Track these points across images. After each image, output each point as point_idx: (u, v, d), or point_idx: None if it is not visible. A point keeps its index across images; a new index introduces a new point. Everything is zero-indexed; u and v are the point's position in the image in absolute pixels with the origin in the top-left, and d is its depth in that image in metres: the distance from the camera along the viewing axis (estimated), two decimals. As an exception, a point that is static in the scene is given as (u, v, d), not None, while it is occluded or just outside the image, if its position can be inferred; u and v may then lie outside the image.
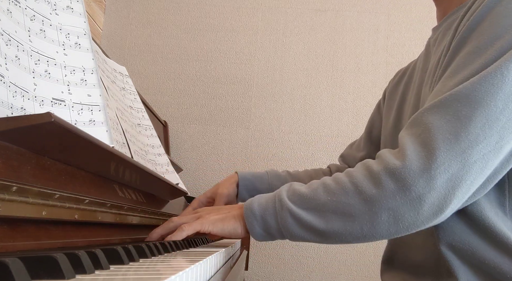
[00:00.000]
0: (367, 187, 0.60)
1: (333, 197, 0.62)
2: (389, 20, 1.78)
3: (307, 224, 0.63)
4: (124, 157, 0.64)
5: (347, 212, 0.61)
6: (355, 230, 0.61)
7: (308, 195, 0.64)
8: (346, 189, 0.62)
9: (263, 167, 1.73)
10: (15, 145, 0.44)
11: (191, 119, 1.77)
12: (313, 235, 0.64)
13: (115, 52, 1.79)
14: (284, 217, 0.65)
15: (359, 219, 0.60)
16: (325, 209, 0.62)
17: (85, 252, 0.38)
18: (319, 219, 0.63)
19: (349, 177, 0.63)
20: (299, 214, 0.64)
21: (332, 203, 0.62)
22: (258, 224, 0.67)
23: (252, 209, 0.68)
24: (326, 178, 0.66)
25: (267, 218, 0.66)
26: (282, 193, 0.67)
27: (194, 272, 0.41)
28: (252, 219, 0.67)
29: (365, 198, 0.60)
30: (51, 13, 0.63)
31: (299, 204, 0.64)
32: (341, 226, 0.61)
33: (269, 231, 0.67)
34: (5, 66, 0.50)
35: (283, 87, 1.78)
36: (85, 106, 0.62)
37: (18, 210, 0.40)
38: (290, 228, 0.65)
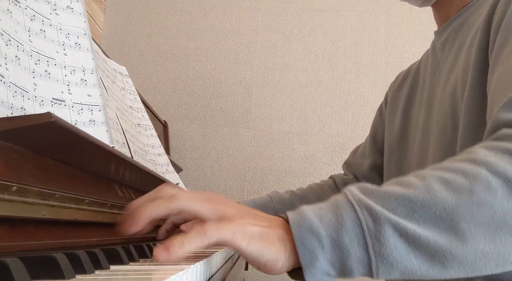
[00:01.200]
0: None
1: (470, 196, 0.39)
2: (389, 20, 1.78)
3: (425, 245, 0.38)
4: (124, 157, 0.64)
5: (498, 218, 0.38)
6: (510, 248, 0.39)
7: (418, 197, 0.40)
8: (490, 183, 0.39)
9: (263, 166, 1.73)
10: (15, 145, 0.44)
11: (191, 119, 1.77)
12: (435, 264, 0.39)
13: (115, 52, 1.79)
14: (381, 236, 0.38)
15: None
16: (459, 216, 0.38)
17: (85, 252, 0.38)
18: (449, 234, 0.38)
19: (486, 166, 0.41)
20: (412, 229, 0.38)
21: (472, 206, 0.39)
22: (324, 253, 0.39)
23: (312, 227, 0.40)
24: (428, 171, 0.43)
25: (344, 242, 0.39)
26: (363, 198, 0.41)
27: (194, 272, 0.41)
28: (313, 244, 0.39)
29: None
30: (51, 13, 0.63)
31: (406, 212, 0.39)
32: (489, 243, 0.38)
33: (344, 264, 0.40)
34: (5, 66, 0.50)
35: (283, 87, 1.78)
36: (85, 106, 0.62)
37: (18, 210, 0.40)
38: (391, 253, 0.38)
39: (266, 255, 0.42)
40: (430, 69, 0.79)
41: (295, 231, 0.40)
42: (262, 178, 1.73)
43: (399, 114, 0.86)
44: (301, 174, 1.72)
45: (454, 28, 0.74)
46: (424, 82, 0.81)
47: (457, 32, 0.73)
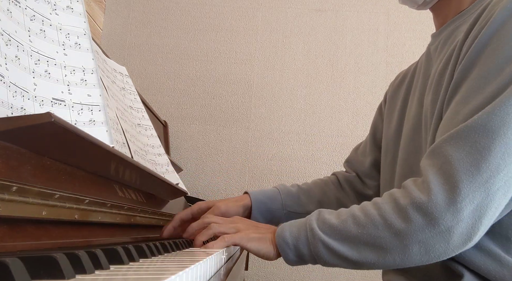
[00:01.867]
0: (396, 221, 0.61)
1: (363, 230, 0.64)
2: (389, 20, 1.78)
3: (339, 254, 0.65)
4: (124, 157, 0.64)
5: (378, 245, 0.63)
6: (388, 261, 0.63)
7: (338, 226, 0.66)
8: (375, 222, 0.63)
9: (263, 167, 1.73)
10: (15, 145, 0.44)
11: (191, 119, 1.77)
12: (346, 263, 0.66)
13: (115, 52, 1.79)
14: (316, 247, 0.67)
15: (391, 251, 0.62)
16: (356, 241, 0.64)
17: (85, 252, 0.38)
18: (351, 250, 0.65)
19: (377, 210, 0.64)
20: (331, 244, 0.66)
21: (363, 236, 0.64)
22: (291, 252, 0.70)
23: (284, 238, 0.70)
24: (354, 208, 0.68)
25: (299, 246, 0.69)
26: (313, 223, 0.69)
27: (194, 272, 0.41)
28: (285, 247, 0.70)
29: (395, 232, 0.61)
30: (51, 13, 0.63)
31: (330, 234, 0.66)
32: (374, 257, 0.63)
33: (302, 258, 0.70)
34: (5, 66, 0.50)
35: (283, 87, 1.78)
36: (85, 106, 0.62)
37: (18, 210, 0.40)
38: (323, 257, 0.67)
39: (262, 250, 0.72)
40: (423, 72, 0.81)
41: (276, 239, 0.71)
42: (262, 178, 1.73)
43: (396, 113, 0.88)
44: (301, 174, 1.72)
45: (445, 35, 0.76)
46: (417, 84, 0.83)
47: (446, 40, 0.76)
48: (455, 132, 0.61)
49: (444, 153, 0.61)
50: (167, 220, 0.88)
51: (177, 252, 0.71)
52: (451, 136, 0.61)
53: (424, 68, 0.81)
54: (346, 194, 1.04)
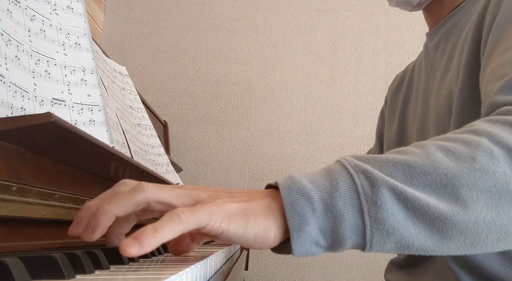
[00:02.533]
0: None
1: (472, 163, 0.38)
2: (389, 20, 1.78)
3: (425, 211, 0.36)
4: (124, 157, 0.64)
5: (500, 186, 0.37)
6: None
7: (417, 162, 0.38)
8: (492, 152, 0.38)
9: (263, 167, 1.73)
10: (15, 145, 0.44)
11: (191, 119, 1.77)
12: (434, 232, 0.37)
13: (115, 52, 1.79)
14: (377, 199, 0.36)
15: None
16: (459, 183, 0.37)
17: (85, 252, 0.38)
18: (449, 200, 0.37)
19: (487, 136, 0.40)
20: (411, 193, 0.37)
21: (474, 173, 0.37)
22: (316, 218, 0.37)
23: (303, 189, 0.37)
24: (428, 142, 0.42)
25: (338, 205, 0.37)
26: (358, 163, 0.39)
27: (194, 272, 0.41)
28: (305, 209, 0.37)
29: None
30: (51, 13, 0.63)
31: (404, 177, 0.38)
32: (492, 211, 0.37)
33: (334, 231, 0.37)
34: (5, 66, 0.50)
35: (283, 87, 1.78)
36: (85, 106, 0.62)
37: (18, 210, 0.40)
38: (389, 218, 0.36)
39: (252, 229, 0.38)
40: (424, 71, 0.80)
41: (285, 194, 0.38)
42: (262, 178, 1.73)
43: (397, 115, 0.87)
44: (301, 174, 1.72)
45: (446, 30, 0.75)
46: (419, 84, 0.81)
47: (449, 34, 0.74)
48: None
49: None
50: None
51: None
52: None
53: (424, 68, 0.80)
54: None
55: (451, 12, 0.74)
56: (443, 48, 0.75)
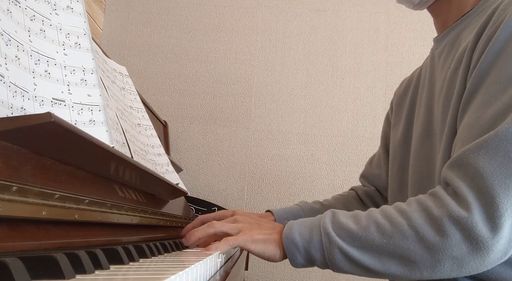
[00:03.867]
0: (430, 234, 0.57)
1: (389, 240, 0.59)
2: (389, 20, 1.78)
3: (359, 263, 0.61)
4: (124, 157, 0.64)
5: (406, 257, 0.58)
6: (415, 274, 0.59)
7: (358, 233, 0.61)
8: (404, 232, 0.58)
9: (263, 167, 1.73)
10: (15, 145, 0.44)
11: (191, 119, 1.77)
12: (364, 272, 0.62)
13: (115, 52, 1.79)
14: (332, 253, 0.62)
15: (419, 265, 0.58)
16: (380, 251, 0.60)
17: (85, 252, 0.38)
18: (373, 260, 0.60)
19: (406, 219, 0.59)
20: (351, 252, 0.61)
21: (389, 246, 0.59)
22: (301, 256, 0.65)
23: (294, 240, 0.65)
24: (375, 214, 0.63)
25: (311, 251, 0.64)
26: (328, 226, 0.64)
27: (194, 272, 0.41)
28: (294, 250, 0.65)
29: (428, 246, 0.57)
30: (51, 13, 0.63)
31: (349, 241, 0.62)
32: (399, 269, 0.59)
33: (312, 262, 0.65)
34: (5, 66, 0.50)
35: (283, 87, 1.78)
36: (85, 106, 0.62)
37: (18, 210, 0.40)
38: (338, 264, 0.62)
39: (267, 252, 0.68)
40: (429, 77, 0.80)
41: (284, 241, 0.66)
42: (262, 178, 1.73)
43: (403, 120, 0.87)
44: (301, 174, 1.72)
45: (450, 39, 0.75)
46: (423, 90, 0.82)
47: (452, 44, 0.74)
48: (483, 142, 0.57)
49: (474, 164, 0.56)
50: (167, 220, 0.88)
51: (177, 252, 0.71)
52: (479, 146, 0.57)
53: (429, 73, 0.81)
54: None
55: (458, 20, 0.74)
56: (445, 58, 0.75)
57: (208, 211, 1.61)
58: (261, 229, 0.71)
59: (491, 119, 0.58)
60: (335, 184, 1.70)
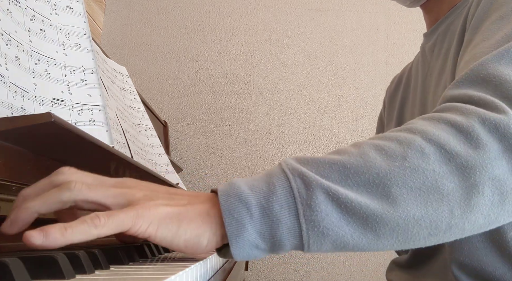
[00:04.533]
0: (460, 147, 0.40)
1: (403, 162, 0.39)
2: (389, 20, 1.78)
3: (357, 211, 0.38)
4: (124, 157, 0.64)
5: (429, 184, 0.38)
6: (442, 214, 0.39)
7: (351, 162, 0.39)
8: (422, 149, 0.40)
9: (263, 167, 1.73)
10: (15, 145, 0.44)
11: (191, 119, 1.77)
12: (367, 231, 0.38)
13: (115, 52, 1.79)
14: (312, 201, 0.37)
15: (450, 195, 0.38)
16: (390, 182, 0.38)
17: (85, 252, 0.38)
18: (380, 199, 0.38)
19: (421, 133, 0.41)
20: (343, 193, 0.38)
21: (404, 171, 0.38)
22: (253, 222, 0.37)
23: (240, 195, 0.38)
24: (366, 141, 0.43)
25: (274, 209, 0.37)
26: (295, 166, 0.40)
27: (194, 272, 0.41)
28: (242, 214, 0.37)
29: (460, 164, 0.39)
30: (51, 13, 0.63)
31: (338, 178, 0.39)
32: (421, 208, 0.38)
33: (272, 233, 0.38)
34: (5, 66, 0.50)
35: (283, 87, 1.78)
36: (85, 106, 0.62)
37: (18, 210, 0.40)
38: (323, 219, 0.37)
39: (184, 234, 0.38)
40: (421, 72, 0.80)
41: (223, 201, 0.38)
42: (262, 178, 1.73)
43: (395, 117, 0.87)
44: (301, 174, 1.72)
45: (441, 31, 0.75)
46: (416, 85, 0.81)
47: (444, 35, 0.74)
48: (503, 52, 0.47)
49: (496, 73, 0.46)
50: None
51: (177, 252, 0.71)
52: (499, 56, 0.47)
53: (421, 69, 0.80)
54: None
55: (447, 13, 0.74)
56: (439, 49, 0.75)
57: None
58: (169, 199, 0.40)
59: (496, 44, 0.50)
60: (335, 184, 1.70)
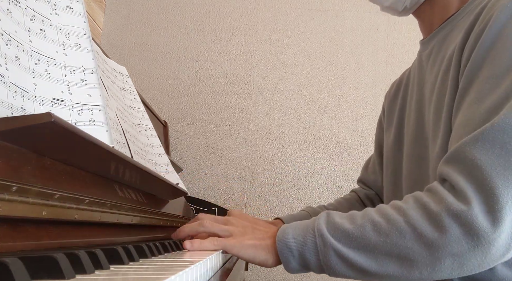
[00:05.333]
0: (428, 230, 0.55)
1: (386, 238, 0.57)
2: (389, 20, 1.78)
3: (355, 265, 0.59)
4: (124, 157, 0.64)
5: (404, 256, 0.56)
6: (413, 274, 0.56)
7: (354, 233, 0.59)
8: (401, 230, 0.56)
9: (263, 167, 1.73)
10: (15, 145, 0.44)
11: (191, 119, 1.77)
12: (361, 275, 0.60)
13: (115, 52, 1.79)
14: (327, 255, 0.59)
15: (418, 264, 0.56)
16: (377, 251, 0.57)
17: (85, 252, 0.38)
18: (370, 261, 0.58)
19: (403, 216, 0.57)
20: (346, 253, 0.58)
21: (386, 245, 0.57)
22: (295, 260, 0.62)
23: (287, 243, 0.62)
24: (371, 213, 0.61)
25: (306, 254, 0.61)
26: (322, 227, 0.61)
27: (194, 272, 0.41)
28: (287, 254, 0.62)
29: (426, 243, 0.55)
30: (51, 13, 0.63)
31: (344, 242, 0.59)
32: (396, 269, 0.57)
33: (307, 267, 0.62)
34: (5, 66, 0.50)
35: (283, 87, 1.78)
36: (85, 106, 0.62)
37: (18, 210, 0.40)
38: (333, 267, 0.60)
39: (258, 258, 0.65)
40: (418, 80, 0.81)
41: (278, 245, 0.63)
42: (262, 178, 1.73)
43: (394, 123, 0.88)
44: (301, 174, 1.72)
45: (438, 41, 0.76)
46: (413, 93, 0.82)
47: (440, 46, 0.75)
48: (478, 134, 0.56)
49: (470, 157, 0.55)
50: (167, 220, 0.88)
51: (177, 252, 0.71)
52: (475, 138, 0.56)
53: (418, 76, 0.81)
54: None
55: (443, 24, 0.75)
56: (434, 59, 0.76)
57: (208, 211, 1.61)
58: (253, 234, 0.68)
59: (485, 113, 0.57)
60: (335, 184, 1.70)
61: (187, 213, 1.24)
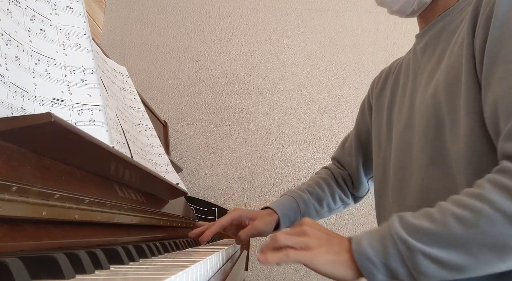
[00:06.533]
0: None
1: (476, 229, 0.54)
2: (389, 20, 1.78)
3: (449, 264, 0.55)
4: (124, 157, 0.64)
5: (500, 243, 0.53)
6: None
7: (439, 231, 0.56)
8: (489, 217, 0.53)
9: (263, 167, 1.73)
10: (15, 145, 0.44)
11: (191, 119, 1.77)
12: (456, 273, 0.56)
13: (115, 52, 1.79)
14: (415, 261, 0.56)
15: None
16: (469, 244, 0.54)
17: (85, 252, 0.38)
18: (464, 256, 0.55)
19: (487, 202, 0.55)
20: (436, 254, 0.55)
21: (478, 236, 0.54)
22: (379, 272, 0.58)
23: (368, 256, 0.59)
24: (447, 206, 0.58)
25: (391, 264, 0.57)
26: (400, 232, 0.58)
27: (194, 272, 0.41)
28: (370, 267, 0.58)
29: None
30: (51, 13, 0.63)
31: (431, 243, 0.56)
32: (495, 259, 0.54)
33: (394, 276, 0.59)
34: (5, 66, 0.50)
35: (283, 87, 1.78)
36: (85, 106, 0.62)
37: (18, 210, 0.40)
38: (425, 271, 0.56)
39: (337, 274, 0.61)
40: (412, 72, 0.82)
41: (357, 259, 0.59)
42: (262, 178, 1.73)
43: (385, 113, 0.89)
44: (301, 174, 1.72)
45: (434, 33, 0.77)
46: (406, 83, 0.84)
47: (438, 37, 0.76)
48: None
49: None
50: (167, 220, 0.88)
51: (177, 252, 0.71)
52: None
53: (412, 67, 0.83)
54: (344, 191, 1.08)
55: (439, 16, 0.76)
56: (432, 50, 0.77)
57: (208, 211, 1.61)
58: (329, 246, 0.64)
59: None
60: (335, 184, 1.70)
61: (187, 213, 1.24)
